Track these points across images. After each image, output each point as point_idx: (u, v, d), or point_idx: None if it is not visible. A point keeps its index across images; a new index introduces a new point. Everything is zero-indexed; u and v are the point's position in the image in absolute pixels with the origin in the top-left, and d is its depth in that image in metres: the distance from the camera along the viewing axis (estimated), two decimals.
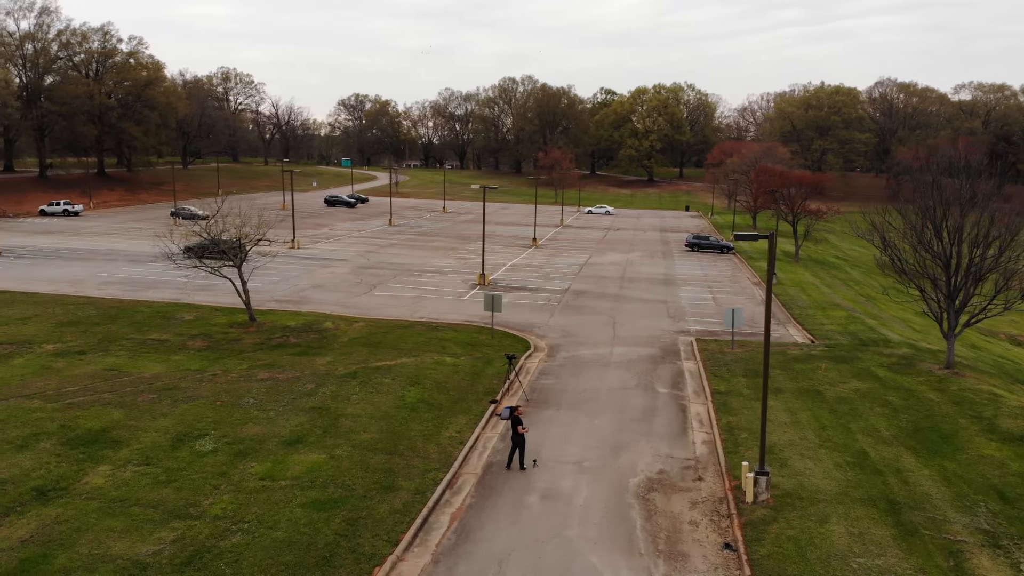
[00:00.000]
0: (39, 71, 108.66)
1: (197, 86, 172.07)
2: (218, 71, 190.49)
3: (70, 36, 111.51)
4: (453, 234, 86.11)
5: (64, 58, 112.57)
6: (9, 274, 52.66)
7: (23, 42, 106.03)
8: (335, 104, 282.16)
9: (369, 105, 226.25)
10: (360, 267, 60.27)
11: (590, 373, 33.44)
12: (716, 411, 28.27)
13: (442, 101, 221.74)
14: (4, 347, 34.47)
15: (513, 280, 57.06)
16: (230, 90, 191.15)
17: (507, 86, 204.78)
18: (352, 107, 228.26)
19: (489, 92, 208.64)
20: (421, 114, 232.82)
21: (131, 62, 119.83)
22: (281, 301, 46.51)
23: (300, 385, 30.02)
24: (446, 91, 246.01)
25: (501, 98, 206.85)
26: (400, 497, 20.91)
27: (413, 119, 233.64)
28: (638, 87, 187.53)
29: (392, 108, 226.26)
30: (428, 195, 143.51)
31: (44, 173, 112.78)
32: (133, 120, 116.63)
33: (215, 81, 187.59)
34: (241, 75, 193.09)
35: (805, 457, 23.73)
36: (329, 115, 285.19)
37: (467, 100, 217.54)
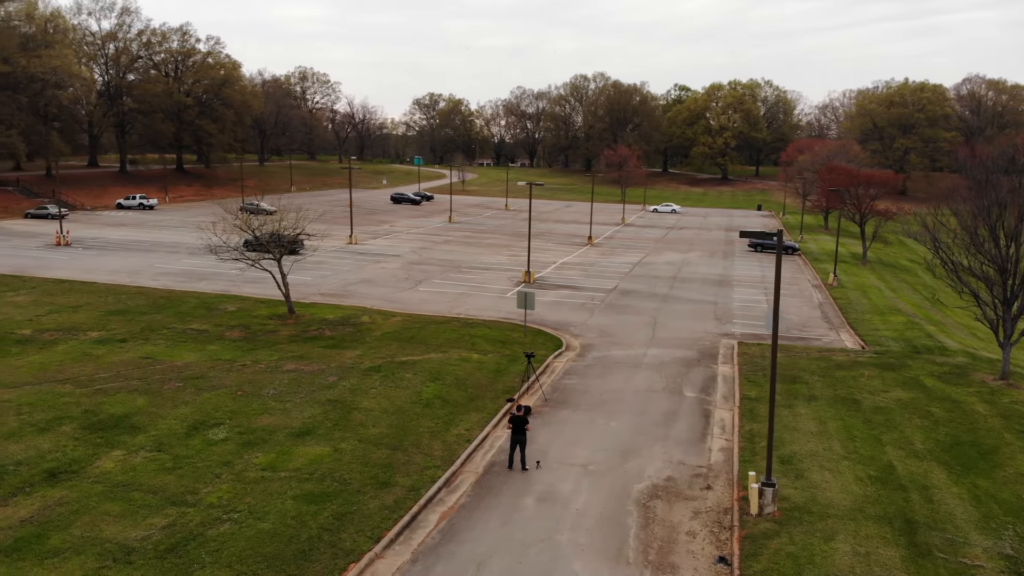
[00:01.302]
0: (120, 70, 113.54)
1: (275, 85, 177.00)
2: (296, 70, 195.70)
3: (150, 36, 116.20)
4: (510, 231, 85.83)
5: (145, 57, 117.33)
6: (74, 264, 55.05)
7: (105, 42, 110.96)
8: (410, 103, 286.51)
9: (443, 104, 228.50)
10: (411, 263, 60.61)
11: (617, 374, 32.56)
12: (741, 417, 27.05)
13: (514, 99, 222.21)
14: (51, 333, 35.90)
15: (560, 278, 56.35)
16: (307, 89, 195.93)
17: (579, 83, 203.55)
18: (426, 106, 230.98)
19: (561, 90, 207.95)
20: (494, 113, 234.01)
21: (209, 61, 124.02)
22: (326, 295, 47.10)
23: (322, 378, 30.19)
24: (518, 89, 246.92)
25: (572, 96, 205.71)
26: (393, 493, 20.66)
27: (486, 118, 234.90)
28: (712, 83, 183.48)
29: (464, 107, 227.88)
30: (493, 193, 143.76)
31: (124, 168, 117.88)
32: (209, 118, 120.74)
33: (292, 80, 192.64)
34: (318, 74, 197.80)
35: (824, 469, 22.39)
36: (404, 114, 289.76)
37: (539, 98, 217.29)
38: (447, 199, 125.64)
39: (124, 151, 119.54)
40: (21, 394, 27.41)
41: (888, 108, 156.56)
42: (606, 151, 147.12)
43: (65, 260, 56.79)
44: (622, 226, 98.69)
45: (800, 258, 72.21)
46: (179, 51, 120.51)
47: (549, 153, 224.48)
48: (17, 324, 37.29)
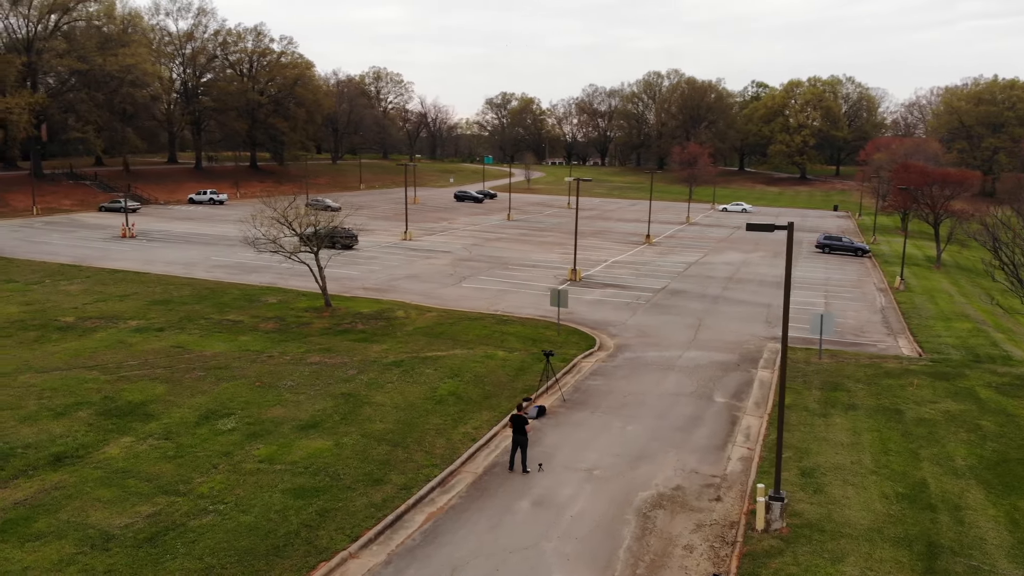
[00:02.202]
0: (197, 69, 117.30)
1: (349, 85, 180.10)
2: (370, 70, 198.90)
3: (226, 36, 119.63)
4: (567, 230, 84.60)
5: (220, 57, 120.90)
6: (134, 255, 56.76)
7: (182, 42, 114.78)
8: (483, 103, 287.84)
9: (515, 103, 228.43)
10: (460, 259, 60.24)
11: (646, 376, 31.21)
12: (768, 426, 25.41)
13: (586, 97, 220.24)
14: (93, 321, 36.82)
15: (608, 277, 54.98)
16: (381, 89, 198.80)
17: (652, 80, 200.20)
18: (498, 105, 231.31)
19: (633, 87, 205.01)
20: (566, 111, 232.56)
21: (282, 61, 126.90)
22: (369, 289, 47.08)
23: (342, 371, 29.90)
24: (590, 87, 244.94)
25: (645, 93, 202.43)
26: (384, 491, 20.04)
27: (558, 116, 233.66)
28: (791, 79, 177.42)
29: (536, 106, 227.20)
30: (558, 191, 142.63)
31: (200, 165, 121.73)
32: (282, 116, 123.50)
33: (367, 80, 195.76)
34: (391, 74, 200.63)
35: (848, 484, 20.67)
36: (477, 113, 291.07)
37: (611, 96, 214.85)
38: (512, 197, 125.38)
39: (199, 148, 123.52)
40: (47, 379, 28.02)
41: (976, 106, 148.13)
42: (675, 148, 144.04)
43: (126, 251, 58.64)
44: (686, 225, 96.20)
45: (870, 260, 68.72)
46: (253, 51, 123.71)
47: (621, 152, 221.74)
48: (63, 312, 38.44)
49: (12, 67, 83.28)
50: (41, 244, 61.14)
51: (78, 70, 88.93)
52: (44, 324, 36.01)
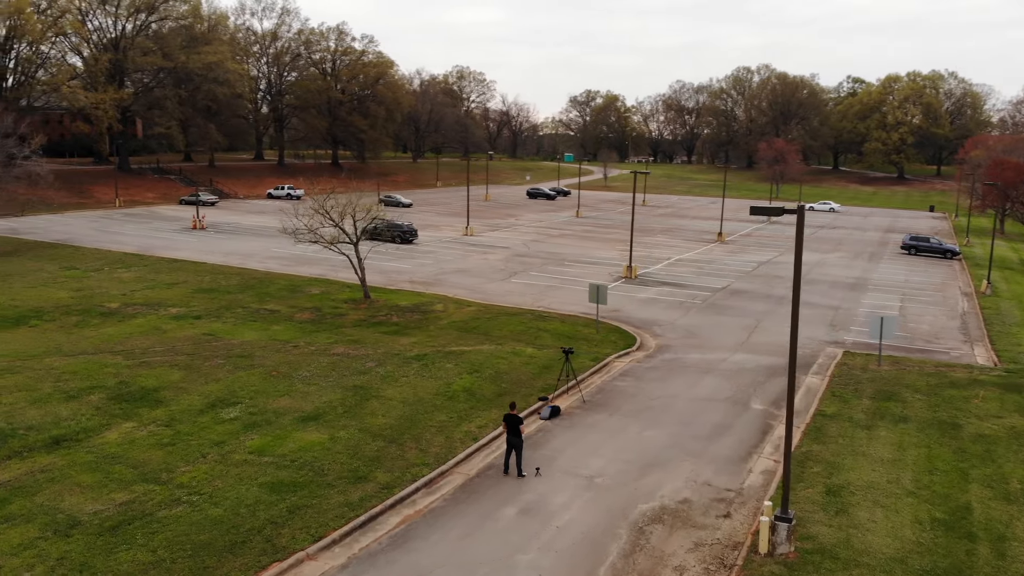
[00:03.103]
0: (281, 68, 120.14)
1: (432, 84, 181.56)
2: (453, 69, 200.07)
3: (309, 35, 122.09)
4: (636, 227, 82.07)
5: (304, 56, 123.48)
6: (196, 246, 57.96)
7: (266, 41, 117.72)
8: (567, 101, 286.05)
9: (599, 100, 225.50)
10: (516, 255, 58.98)
11: (681, 379, 29.14)
12: (803, 436, 23.06)
13: (673, 94, 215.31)
14: (135, 308, 37.34)
15: (668, 275, 52.61)
16: (463, 88, 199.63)
17: (741, 76, 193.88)
18: (582, 103, 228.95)
19: (722, 83, 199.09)
20: (652, 108, 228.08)
21: (363, 60, 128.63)
22: (415, 282, 46.40)
23: (361, 363, 29.07)
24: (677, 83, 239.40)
25: (734, 89, 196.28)
26: (364, 489, 18.95)
27: (644, 113, 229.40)
28: (889, 75, 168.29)
29: (620, 103, 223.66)
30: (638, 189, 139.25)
31: (282, 161, 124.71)
32: (361, 114, 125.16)
33: (450, 79, 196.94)
34: (474, 73, 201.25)
35: (878, 506, 18.29)
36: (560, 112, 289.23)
37: (698, 92, 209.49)
38: (584, 194, 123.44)
39: (282, 145, 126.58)
40: (71, 363, 28.26)
41: None
42: (761, 144, 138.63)
43: (191, 242, 59.98)
44: (766, 224, 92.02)
45: (959, 263, 63.70)
46: (336, 50, 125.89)
47: (709, 149, 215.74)
48: (110, 298, 39.20)
49: (100, 65, 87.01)
50: (114, 234, 63.30)
51: (163, 68, 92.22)
52: (88, 309, 36.74)
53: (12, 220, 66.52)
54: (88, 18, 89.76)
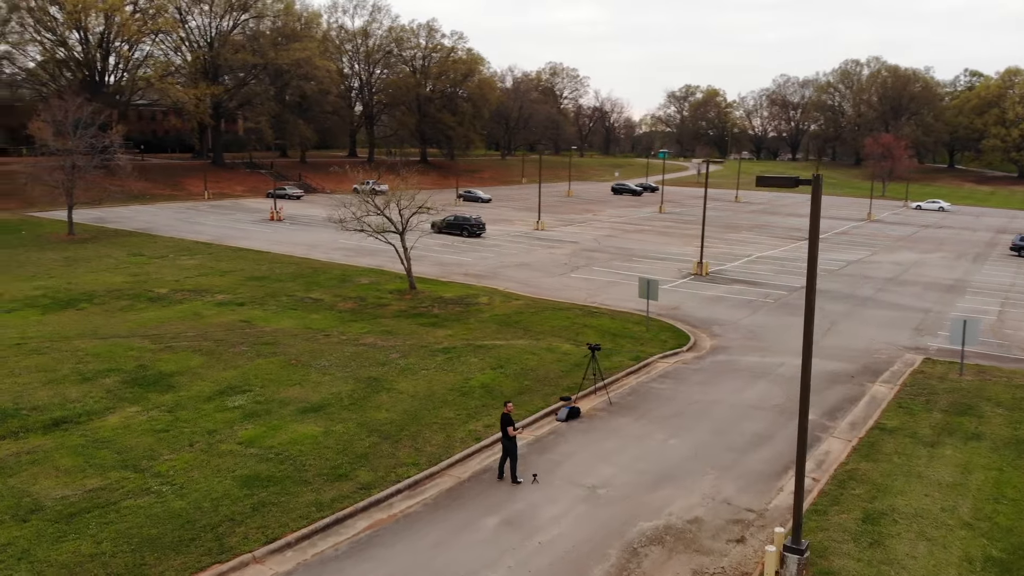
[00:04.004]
0: (371, 65, 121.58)
1: (525, 81, 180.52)
2: (546, 66, 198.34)
3: (400, 33, 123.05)
4: (722, 223, 78.26)
5: (394, 53, 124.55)
6: (268, 236, 58.50)
7: (358, 39, 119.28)
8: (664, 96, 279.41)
9: (699, 95, 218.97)
10: (583, 250, 56.73)
11: (728, 383, 26.43)
12: (852, 452, 20.14)
13: (777, 88, 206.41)
14: (184, 294, 37.42)
15: (743, 272, 49.23)
16: (555, 85, 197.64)
17: (849, 69, 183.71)
18: (680, 98, 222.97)
19: (829, 77, 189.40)
20: (755, 104, 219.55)
21: (452, 57, 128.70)
22: (470, 275, 44.97)
23: (385, 354, 27.79)
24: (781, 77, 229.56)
25: (842, 83, 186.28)
26: (340, 488, 17.49)
27: (746, 109, 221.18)
28: (1008, 67, 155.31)
29: (721, 98, 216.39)
30: (730, 185, 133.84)
31: (371, 158, 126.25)
32: (449, 111, 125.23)
33: (543, 76, 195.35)
34: (568, 70, 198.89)
35: (924, 538, 15.39)
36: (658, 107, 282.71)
37: (804, 86, 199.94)
38: (674, 190, 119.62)
39: (372, 142, 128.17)
40: (98, 345, 28.18)
41: None
42: (867, 140, 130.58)
43: (264, 233, 60.65)
44: (865, 222, 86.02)
45: None
46: (426, 47, 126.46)
47: (815, 146, 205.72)
48: (162, 283, 39.53)
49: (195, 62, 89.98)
50: (193, 224, 64.85)
51: (253, 64, 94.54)
52: (138, 295, 37.06)
53: (100, 209, 69.28)
54: (184, 16, 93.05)
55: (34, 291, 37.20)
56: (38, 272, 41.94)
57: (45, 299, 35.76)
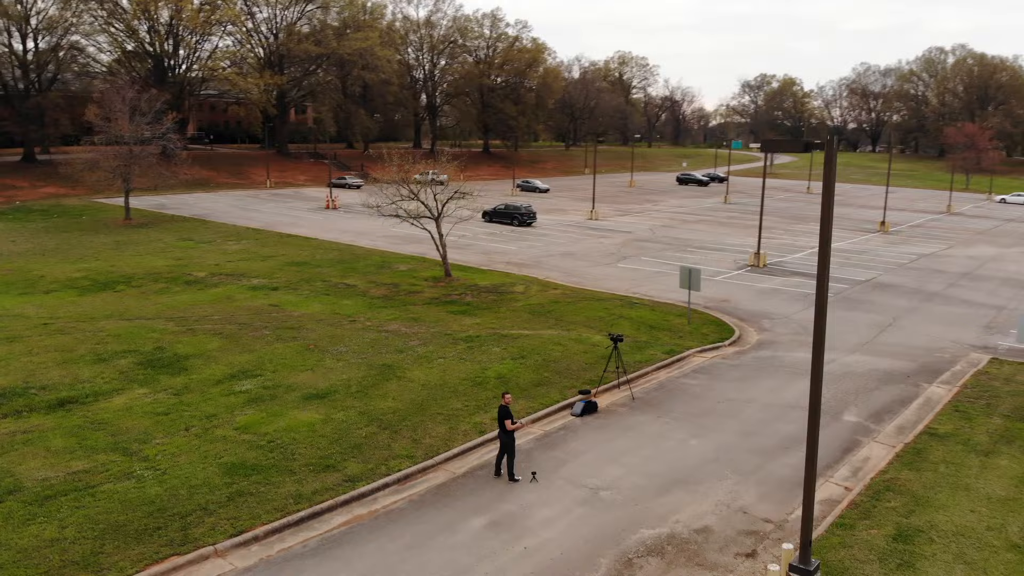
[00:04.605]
0: (434, 55, 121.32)
1: (592, 71, 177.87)
2: (615, 55, 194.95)
3: (464, 22, 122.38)
4: (787, 214, 74.90)
5: (459, 43, 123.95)
6: (319, 223, 58.50)
7: (422, 28, 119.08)
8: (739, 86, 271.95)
9: (775, 84, 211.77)
10: (635, 239, 54.76)
11: (767, 380, 24.47)
12: (894, 459, 18.09)
13: (856, 77, 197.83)
14: (219, 277, 37.31)
15: (805, 264, 46.55)
16: (624, 74, 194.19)
17: (933, 57, 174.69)
18: (754, 87, 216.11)
19: (912, 65, 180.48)
20: (835, 93, 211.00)
21: (516, 46, 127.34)
22: (512, 264, 43.71)
23: (405, 341, 26.81)
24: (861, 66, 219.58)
25: (926, 71, 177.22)
26: (325, 480, 16.51)
27: (825, 99, 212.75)
28: None
29: (798, 87, 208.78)
30: (802, 176, 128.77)
31: (433, 148, 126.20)
32: (512, 100, 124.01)
33: (611, 65, 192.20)
34: (636, 59, 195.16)
35: (961, 561, 13.40)
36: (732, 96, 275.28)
37: (885, 75, 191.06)
38: (743, 181, 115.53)
39: (434, 133, 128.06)
40: (121, 326, 28.06)
41: None
42: (949, 130, 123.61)
43: (316, 220, 60.70)
44: (944, 215, 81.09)
45: None
46: (489, 36, 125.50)
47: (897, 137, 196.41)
48: (202, 267, 39.58)
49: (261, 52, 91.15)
50: (249, 211, 65.47)
51: (317, 55, 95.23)
52: (176, 278, 37.13)
53: (163, 196, 70.71)
54: (250, 6, 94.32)
55: (77, 273, 37.71)
56: (86, 255, 42.65)
57: (85, 280, 36.16)
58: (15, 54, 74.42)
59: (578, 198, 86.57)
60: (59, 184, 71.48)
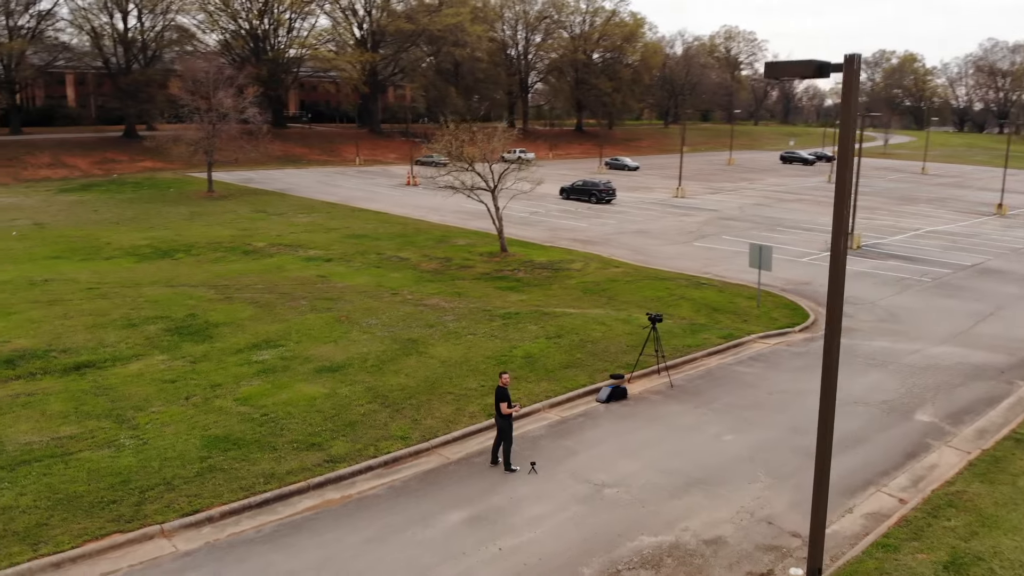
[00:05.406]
0: (528, 32, 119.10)
1: (697, 47, 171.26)
2: (721, 30, 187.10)
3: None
4: (895, 195, 69.14)
5: (555, 19, 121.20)
6: (395, 199, 58.06)
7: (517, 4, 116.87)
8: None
9: (894, 60, 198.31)
10: (720, 218, 51.45)
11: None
12: (965, 468, 15.23)
13: (983, 54, 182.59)
14: (277, 248, 37.00)
15: (905, 247, 42.33)
16: (731, 49, 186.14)
17: None
18: (872, 64, 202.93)
19: None
20: (961, 71, 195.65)
21: (613, 20, 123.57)
22: (578, 241, 41.62)
23: (439, 315, 25.36)
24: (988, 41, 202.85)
25: None
26: (304, 460, 15.23)
27: (951, 77, 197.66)
28: None
29: (920, 64, 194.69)
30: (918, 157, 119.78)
31: (525, 126, 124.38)
32: (607, 76, 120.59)
33: (716, 41, 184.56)
34: (743, 34, 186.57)
35: None
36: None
37: (1014, 51, 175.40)
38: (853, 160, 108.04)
39: (526, 111, 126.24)
40: (163, 292, 27.83)
41: None
42: None
43: (392, 196, 60.21)
44: None
45: None
46: (585, 11, 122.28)
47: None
48: (264, 237, 39.45)
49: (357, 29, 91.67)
50: (331, 186, 65.72)
51: (409, 32, 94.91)
52: (235, 248, 37.06)
53: (253, 171, 72.05)
54: None
55: (142, 241, 38.23)
56: (156, 225, 43.38)
57: (147, 248, 36.56)
58: (116, 31, 77.36)
59: (668, 176, 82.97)
60: (156, 159, 73.91)
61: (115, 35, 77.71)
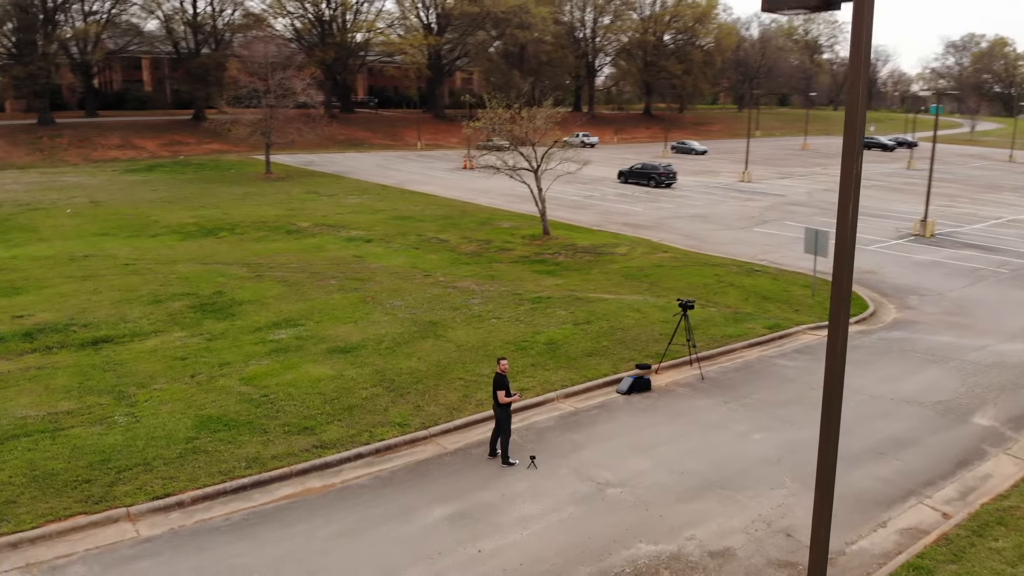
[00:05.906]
0: (596, 13, 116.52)
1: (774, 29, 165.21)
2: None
3: None
4: (979, 183, 64.78)
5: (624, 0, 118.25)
6: (448, 182, 57.37)
7: None
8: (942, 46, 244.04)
9: (984, 44, 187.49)
10: (785, 203, 48.91)
11: (888, 367, 19.74)
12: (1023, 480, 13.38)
13: None
14: (320, 228, 36.61)
15: (983, 236, 39.29)
16: (810, 32, 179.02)
17: None
18: (960, 48, 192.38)
19: None
20: None
21: (684, 1, 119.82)
22: (629, 225, 39.97)
23: (466, 298, 24.36)
24: None
25: None
26: (292, 444, 14.44)
27: None
28: None
29: (1011, 49, 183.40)
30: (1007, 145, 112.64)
31: (591, 111, 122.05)
32: (677, 59, 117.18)
33: (795, 23, 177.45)
34: (824, 15, 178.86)
35: None
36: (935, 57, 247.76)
37: None
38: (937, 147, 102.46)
39: (592, 95, 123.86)
40: (195, 270, 27.65)
41: None
42: None
43: (446, 179, 59.47)
44: None
45: None
46: None
47: None
48: (309, 218, 39.16)
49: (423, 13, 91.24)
50: (388, 169, 65.37)
51: (473, 15, 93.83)
52: (279, 227, 36.84)
53: (314, 154, 72.44)
54: None
55: (189, 219, 38.40)
56: (208, 204, 43.61)
57: (193, 227, 36.66)
58: (186, 16, 78.80)
59: (736, 160, 79.90)
60: (222, 141, 74.95)
61: (185, 19, 79.15)
